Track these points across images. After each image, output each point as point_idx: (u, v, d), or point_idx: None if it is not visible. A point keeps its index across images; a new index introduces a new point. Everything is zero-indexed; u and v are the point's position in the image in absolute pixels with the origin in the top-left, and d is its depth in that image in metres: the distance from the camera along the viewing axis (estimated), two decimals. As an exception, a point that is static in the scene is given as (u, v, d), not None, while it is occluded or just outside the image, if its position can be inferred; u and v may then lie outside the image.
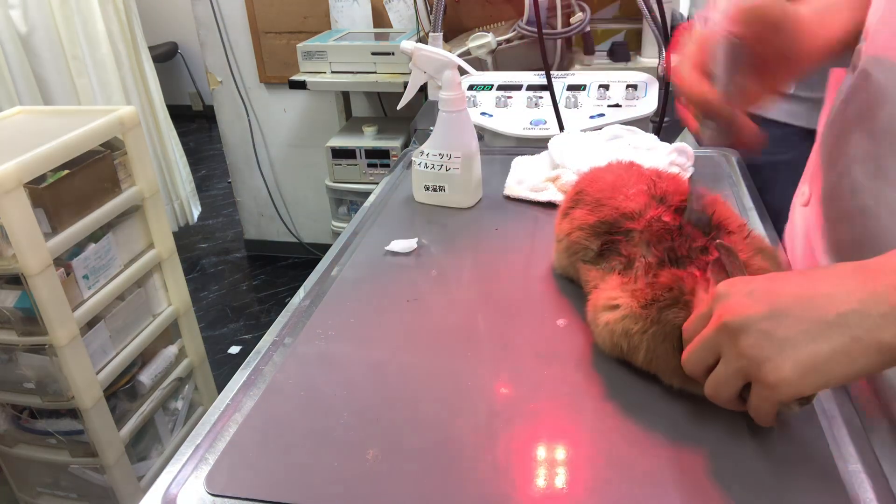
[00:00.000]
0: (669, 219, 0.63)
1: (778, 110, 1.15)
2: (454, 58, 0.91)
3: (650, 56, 1.67)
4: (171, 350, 1.70)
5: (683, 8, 1.90)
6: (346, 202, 2.41)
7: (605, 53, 1.73)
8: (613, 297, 0.61)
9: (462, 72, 0.92)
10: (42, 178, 1.29)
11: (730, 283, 0.50)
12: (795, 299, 0.45)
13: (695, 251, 0.59)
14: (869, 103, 0.60)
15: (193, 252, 3.17)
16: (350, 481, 0.52)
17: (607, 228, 0.67)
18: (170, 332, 1.70)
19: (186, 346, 1.76)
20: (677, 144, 0.97)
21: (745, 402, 0.49)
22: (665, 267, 0.59)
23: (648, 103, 1.22)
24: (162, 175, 2.73)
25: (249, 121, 2.73)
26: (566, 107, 1.24)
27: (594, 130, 1.06)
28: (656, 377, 0.59)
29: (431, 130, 0.95)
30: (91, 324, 1.42)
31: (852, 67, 0.64)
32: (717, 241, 0.56)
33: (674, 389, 0.58)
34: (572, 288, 0.74)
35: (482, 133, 1.22)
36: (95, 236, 1.42)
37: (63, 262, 1.34)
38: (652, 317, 0.56)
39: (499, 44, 1.56)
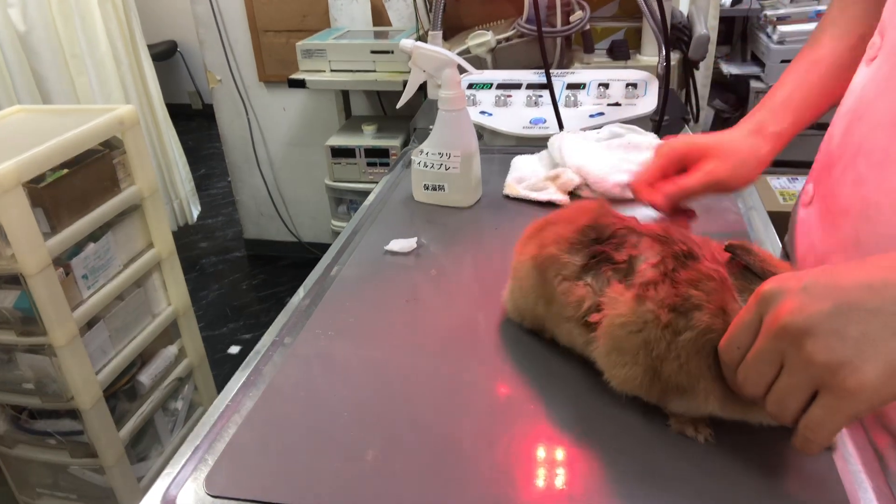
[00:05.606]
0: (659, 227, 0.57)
1: None
2: (454, 56, 0.91)
3: (650, 54, 1.66)
4: (171, 350, 1.70)
5: (683, 6, 1.90)
6: (346, 201, 2.41)
7: (604, 52, 1.72)
8: (627, 311, 0.52)
9: (461, 70, 0.92)
10: (41, 177, 1.28)
11: (776, 280, 0.43)
12: (862, 289, 0.39)
13: (697, 248, 0.53)
14: (879, 92, 0.60)
15: (193, 252, 3.16)
16: (350, 482, 0.52)
17: (597, 234, 0.58)
18: (169, 332, 1.70)
19: (186, 346, 1.76)
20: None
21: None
22: (678, 270, 0.51)
23: (648, 102, 1.22)
24: (161, 174, 2.73)
25: (249, 120, 2.73)
26: (566, 105, 1.24)
27: (594, 129, 1.06)
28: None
29: (431, 129, 0.95)
30: (90, 324, 1.42)
31: (867, 60, 0.64)
32: (728, 242, 0.51)
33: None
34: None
35: (482, 132, 1.22)
36: (95, 236, 1.42)
37: (62, 261, 1.34)
38: (680, 328, 0.49)
39: (498, 42, 1.56)
